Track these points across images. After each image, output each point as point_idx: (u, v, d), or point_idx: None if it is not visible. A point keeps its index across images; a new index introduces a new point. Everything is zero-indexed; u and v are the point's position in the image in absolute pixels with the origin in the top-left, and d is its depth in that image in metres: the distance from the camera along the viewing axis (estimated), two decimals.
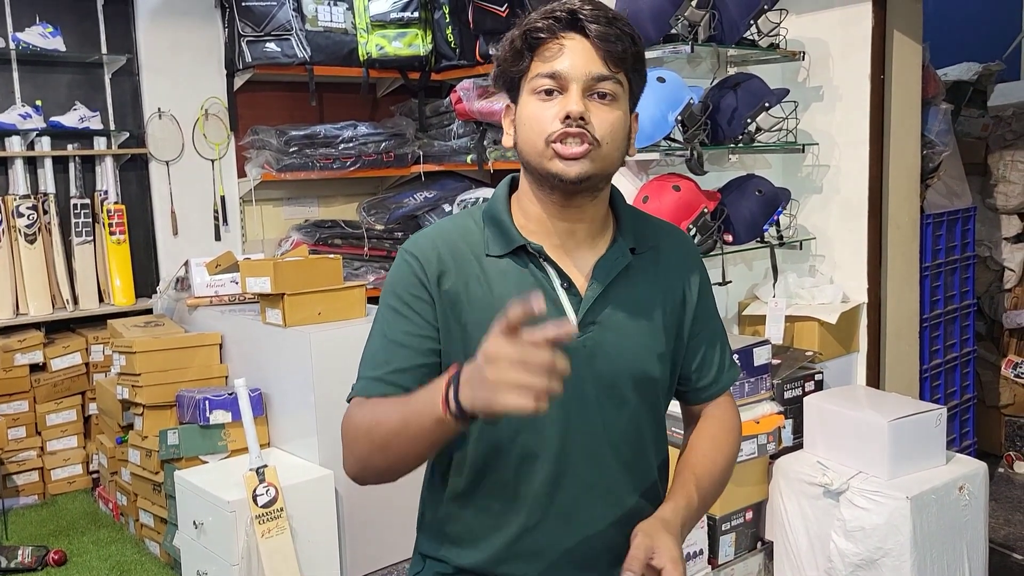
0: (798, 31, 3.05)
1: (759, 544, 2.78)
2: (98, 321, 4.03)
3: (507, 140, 1.24)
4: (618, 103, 1.17)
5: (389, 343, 1.21)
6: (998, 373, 4.01)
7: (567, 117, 1.13)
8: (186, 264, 3.71)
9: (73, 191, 4.05)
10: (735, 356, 1.47)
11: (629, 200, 2.74)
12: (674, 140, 2.70)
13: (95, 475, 3.99)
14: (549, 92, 1.16)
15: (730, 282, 2.93)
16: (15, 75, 3.94)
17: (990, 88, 4.20)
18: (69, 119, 3.98)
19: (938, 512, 2.42)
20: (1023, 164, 4.05)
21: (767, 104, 2.80)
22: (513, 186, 1.29)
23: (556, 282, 1.21)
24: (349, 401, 1.24)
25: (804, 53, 3.04)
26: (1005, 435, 3.98)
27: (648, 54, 2.70)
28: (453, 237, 1.24)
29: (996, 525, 3.36)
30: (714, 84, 2.91)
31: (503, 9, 3.95)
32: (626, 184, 2.81)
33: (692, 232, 2.69)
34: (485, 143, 4.15)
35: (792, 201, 2.97)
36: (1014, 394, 3.97)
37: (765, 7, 2.76)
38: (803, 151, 3.07)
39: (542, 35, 1.16)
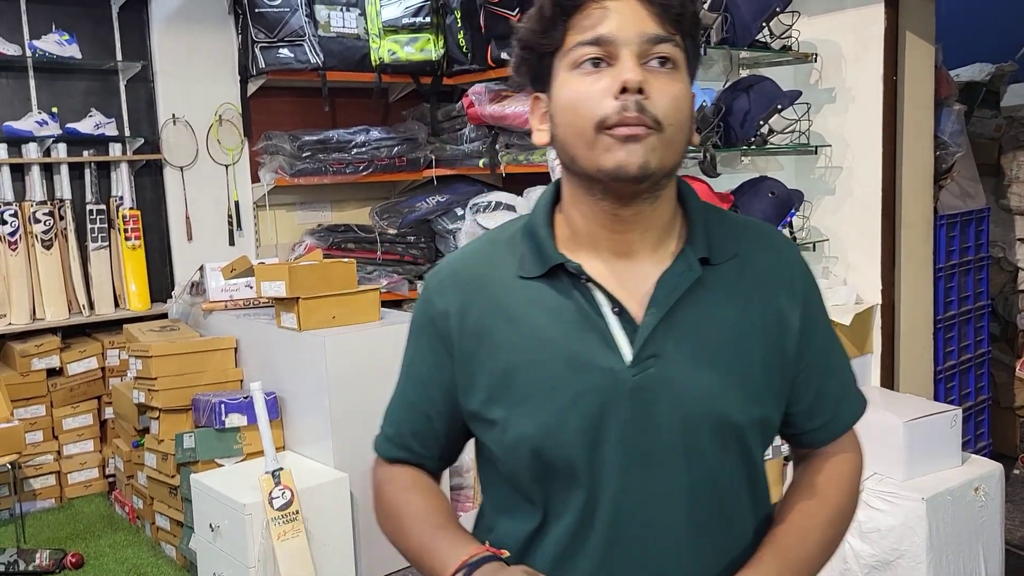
0: (810, 33, 3.06)
1: None
2: (114, 326, 4.06)
3: (540, 137, 1.00)
4: (680, 73, 0.94)
5: (400, 398, 1.10)
6: (1013, 374, 3.99)
7: (623, 90, 0.89)
8: (201, 269, 3.74)
9: (89, 197, 4.08)
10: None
11: None
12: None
13: (111, 479, 4.02)
14: (595, 63, 0.92)
15: None
16: (31, 82, 3.98)
17: (1003, 89, 4.19)
18: (85, 126, 4.02)
19: (954, 513, 2.41)
20: None
21: (779, 106, 2.80)
22: (557, 193, 1.05)
23: (605, 308, 0.96)
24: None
25: (816, 55, 3.04)
26: (1020, 436, 3.96)
27: None
28: (480, 261, 1.04)
29: (1012, 527, 3.34)
30: (727, 86, 2.91)
31: (515, 14, 3.96)
32: None
33: None
34: (497, 147, 4.17)
35: (805, 203, 2.97)
36: None
37: (777, 9, 2.77)
38: (816, 153, 3.07)
39: None
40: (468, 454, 3.57)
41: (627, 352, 0.95)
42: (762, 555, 0.99)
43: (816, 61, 3.05)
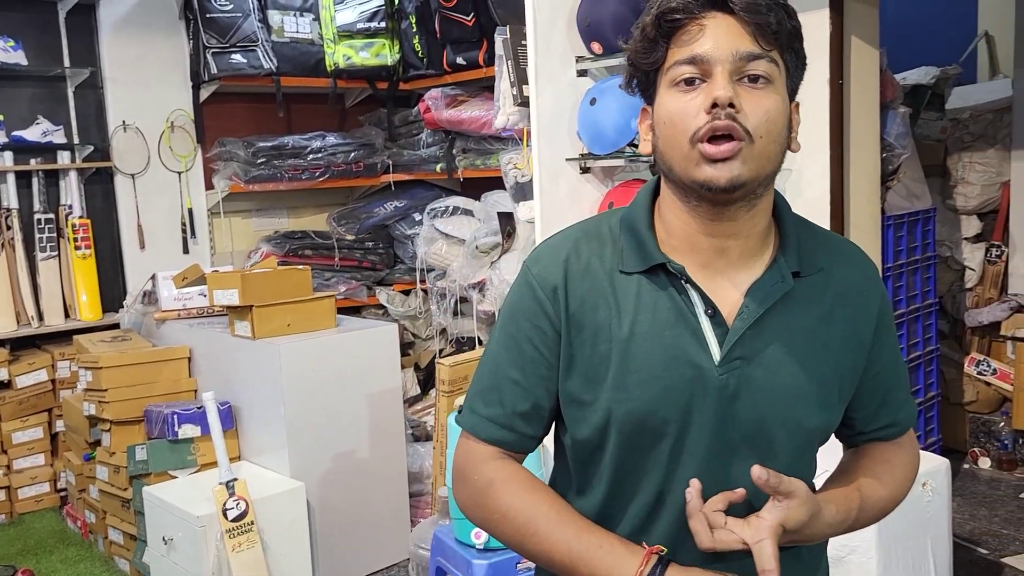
0: None
1: None
2: (64, 337, 3.99)
3: (644, 147, 1.06)
4: (774, 87, 0.98)
5: (503, 377, 1.09)
6: (961, 371, 4.08)
7: (714, 106, 0.95)
8: (153, 278, 3.69)
9: (37, 206, 4.01)
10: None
11: (594, 208, 2.78)
12: (638, 146, 2.73)
13: (63, 493, 3.95)
14: (690, 81, 0.98)
15: None
16: None
17: (947, 91, 4.28)
18: (32, 133, 3.94)
19: (902, 509, 2.43)
20: (981, 165, 4.14)
21: None
22: (656, 191, 1.10)
23: (699, 308, 1.02)
24: (459, 424, 1.14)
25: None
26: (969, 431, 4.05)
27: (611, 62, 2.73)
28: (583, 248, 1.08)
29: (962, 520, 3.42)
30: None
31: (470, 18, 3.96)
32: (591, 191, 2.83)
33: None
34: (454, 152, 4.17)
35: None
36: (977, 391, 4.03)
37: None
38: None
39: (678, 16, 0.98)
40: (426, 460, 3.52)
41: (716, 352, 1.01)
42: (835, 496, 1.06)
43: None
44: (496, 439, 1.10)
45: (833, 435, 1.19)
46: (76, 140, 4.11)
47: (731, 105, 0.95)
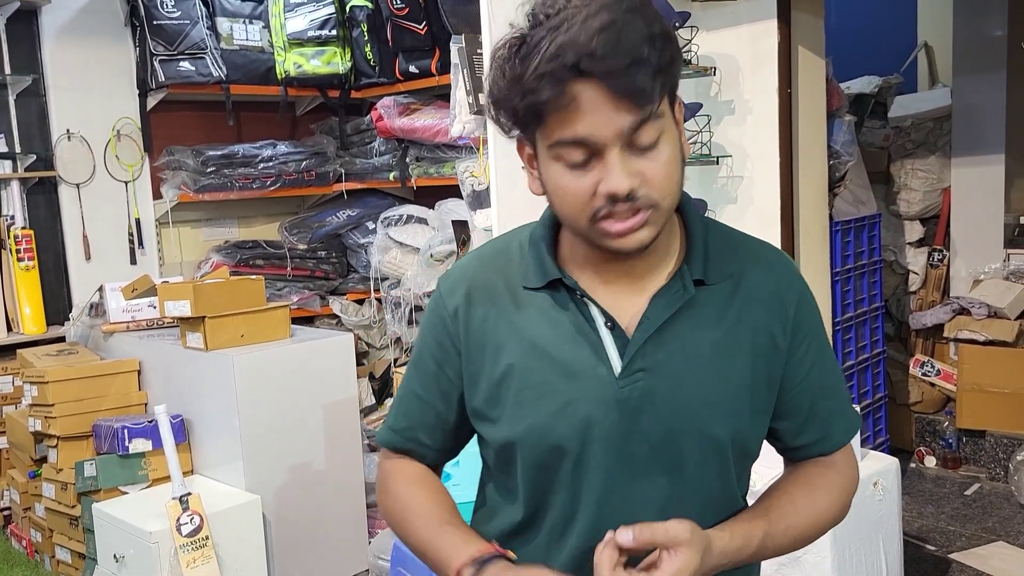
0: (709, 47, 3.15)
1: None
2: (7, 351, 3.87)
3: (535, 186, 0.99)
4: (665, 136, 0.92)
5: (409, 391, 1.14)
6: (907, 372, 4.18)
7: (613, 198, 0.91)
8: (100, 289, 3.60)
9: None
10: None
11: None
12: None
13: (7, 512, 3.83)
14: (581, 162, 0.91)
15: None
16: None
17: (890, 100, 4.40)
18: None
19: (854, 508, 2.48)
20: (923, 172, 4.26)
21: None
22: None
23: (599, 321, 1.00)
24: (377, 438, 1.20)
25: (715, 68, 3.14)
26: (915, 431, 4.15)
27: None
28: (489, 267, 1.08)
29: (910, 518, 3.50)
30: None
31: (422, 27, 3.96)
32: (542, 202, 2.84)
33: None
34: (407, 160, 4.16)
35: (709, 211, 3.05)
36: (922, 392, 4.14)
37: (676, 24, 2.84)
38: (717, 163, 3.16)
39: (550, 107, 0.89)
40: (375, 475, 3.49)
41: (617, 364, 0.99)
42: (734, 523, 1.02)
43: (715, 74, 3.14)
44: (399, 449, 1.16)
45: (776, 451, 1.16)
46: (18, 149, 3.99)
47: (631, 191, 0.91)
